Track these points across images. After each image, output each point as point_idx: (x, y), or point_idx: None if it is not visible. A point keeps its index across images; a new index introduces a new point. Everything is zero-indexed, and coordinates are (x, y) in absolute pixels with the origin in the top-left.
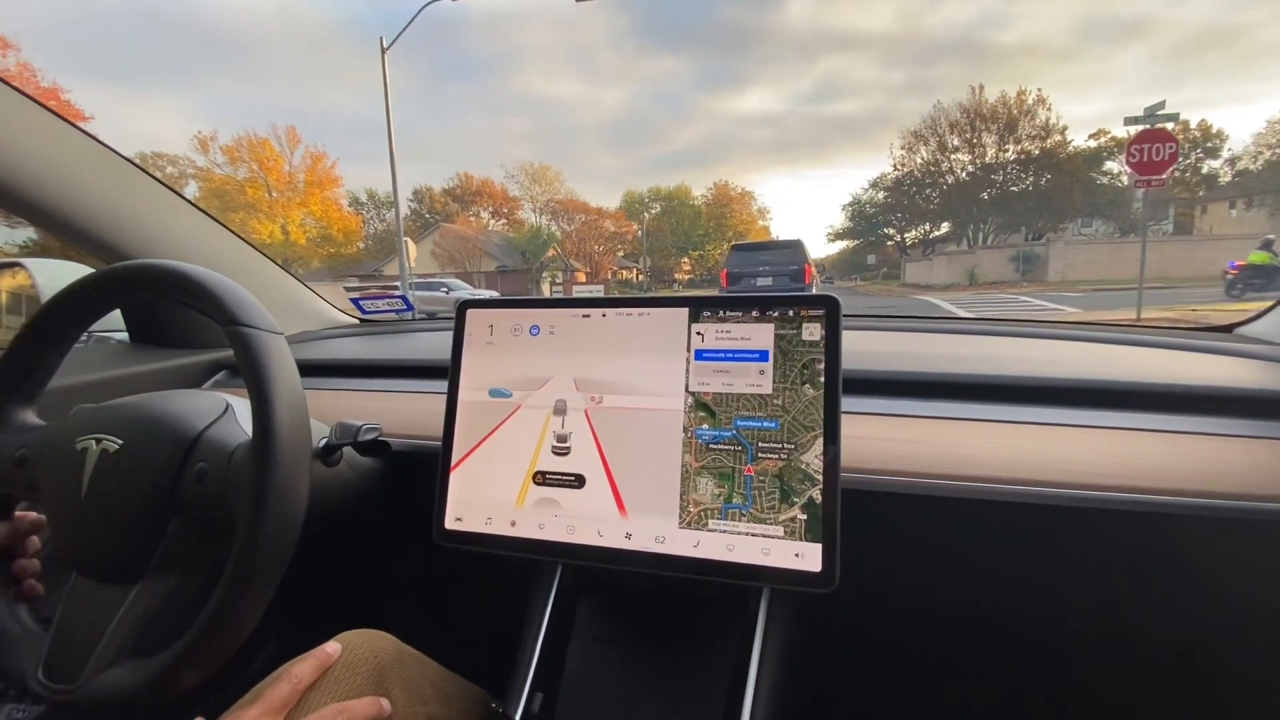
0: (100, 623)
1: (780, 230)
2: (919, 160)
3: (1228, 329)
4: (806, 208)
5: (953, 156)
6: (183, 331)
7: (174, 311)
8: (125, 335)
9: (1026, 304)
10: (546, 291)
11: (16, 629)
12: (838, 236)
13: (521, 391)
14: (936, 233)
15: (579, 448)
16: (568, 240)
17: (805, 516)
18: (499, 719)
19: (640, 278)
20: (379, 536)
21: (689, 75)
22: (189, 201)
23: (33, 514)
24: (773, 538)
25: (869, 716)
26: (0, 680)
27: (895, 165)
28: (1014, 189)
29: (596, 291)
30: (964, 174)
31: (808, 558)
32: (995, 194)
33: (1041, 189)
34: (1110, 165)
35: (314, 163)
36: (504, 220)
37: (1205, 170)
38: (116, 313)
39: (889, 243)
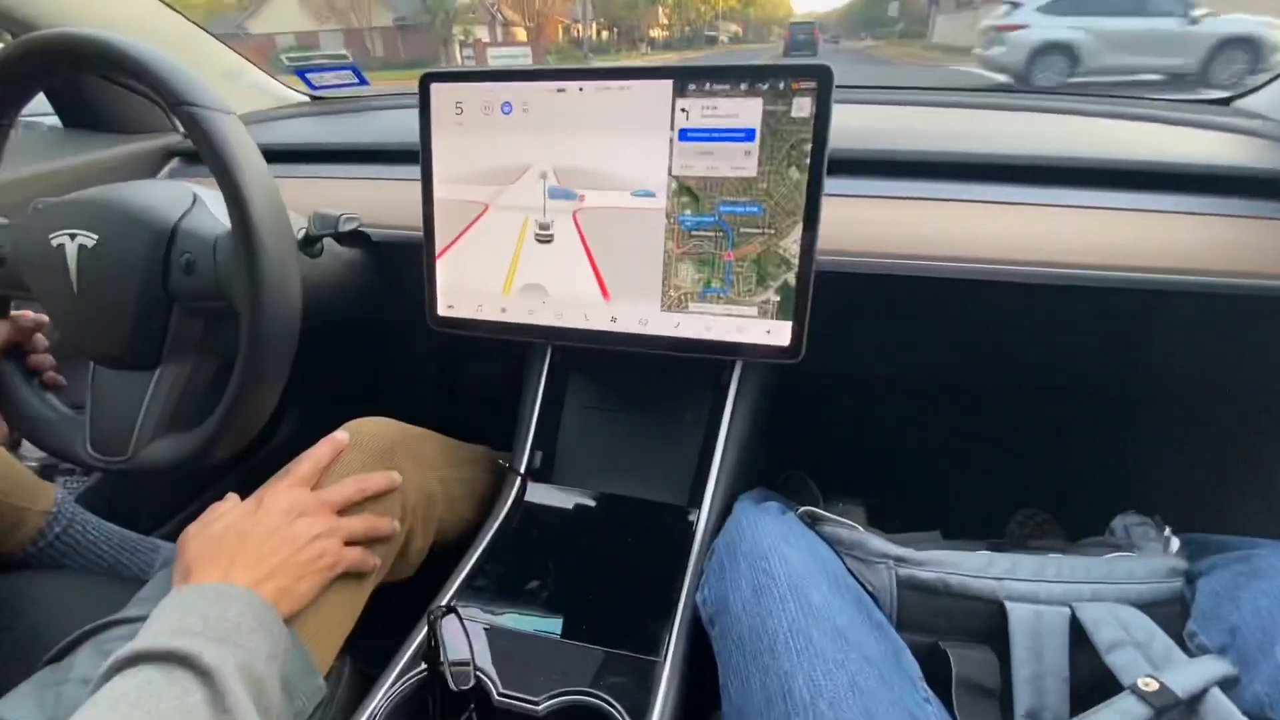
0: (132, 404)
1: None
2: None
3: (1225, 102)
4: None
5: None
6: (118, 112)
7: (104, 90)
8: (55, 119)
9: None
10: (457, 59)
11: (52, 414)
12: None
13: (498, 186)
14: None
15: (562, 237)
16: None
17: (779, 299)
18: (505, 472)
19: (597, 33)
20: (374, 325)
21: None
22: None
23: (30, 312)
24: (747, 317)
25: (831, 473)
26: (58, 458)
27: None
28: None
29: (523, 59)
30: None
31: (777, 334)
32: None
33: None
34: None
35: None
36: None
37: None
38: (40, 95)
39: None
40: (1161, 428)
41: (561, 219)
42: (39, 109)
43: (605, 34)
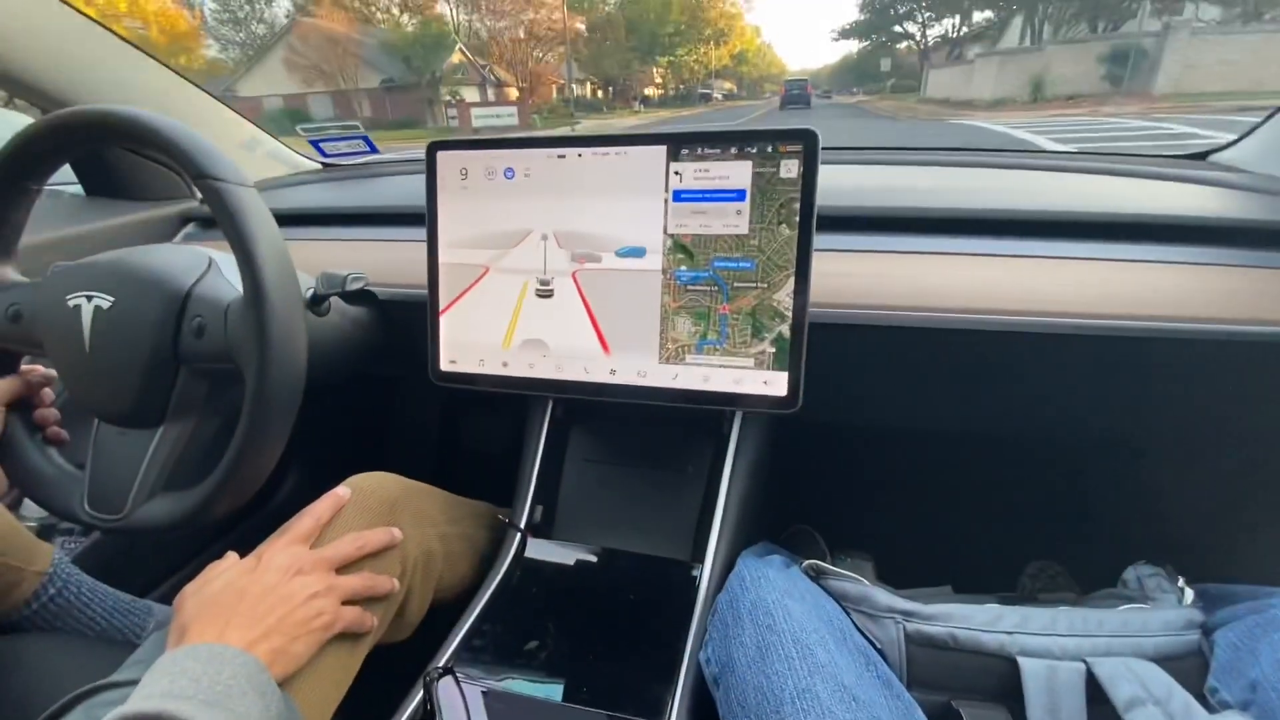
0: (132, 462)
1: (769, 27)
2: None
3: (1202, 156)
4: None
5: None
6: (138, 181)
7: (125, 160)
8: (78, 188)
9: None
10: (443, 119)
11: (53, 470)
12: (844, 34)
13: (500, 249)
14: (966, 28)
15: (561, 293)
16: (495, 42)
17: (774, 350)
18: (506, 529)
19: (592, 92)
20: (379, 382)
21: None
22: (126, 40)
23: (40, 368)
24: (744, 368)
25: (831, 523)
26: (55, 515)
27: None
28: None
29: (508, 119)
30: None
31: (774, 384)
32: None
33: None
34: None
35: None
36: (418, 18)
37: None
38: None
39: (903, 43)
40: (1171, 475)
41: (561, 278)
42: (62, 177)
43: (601, 93)
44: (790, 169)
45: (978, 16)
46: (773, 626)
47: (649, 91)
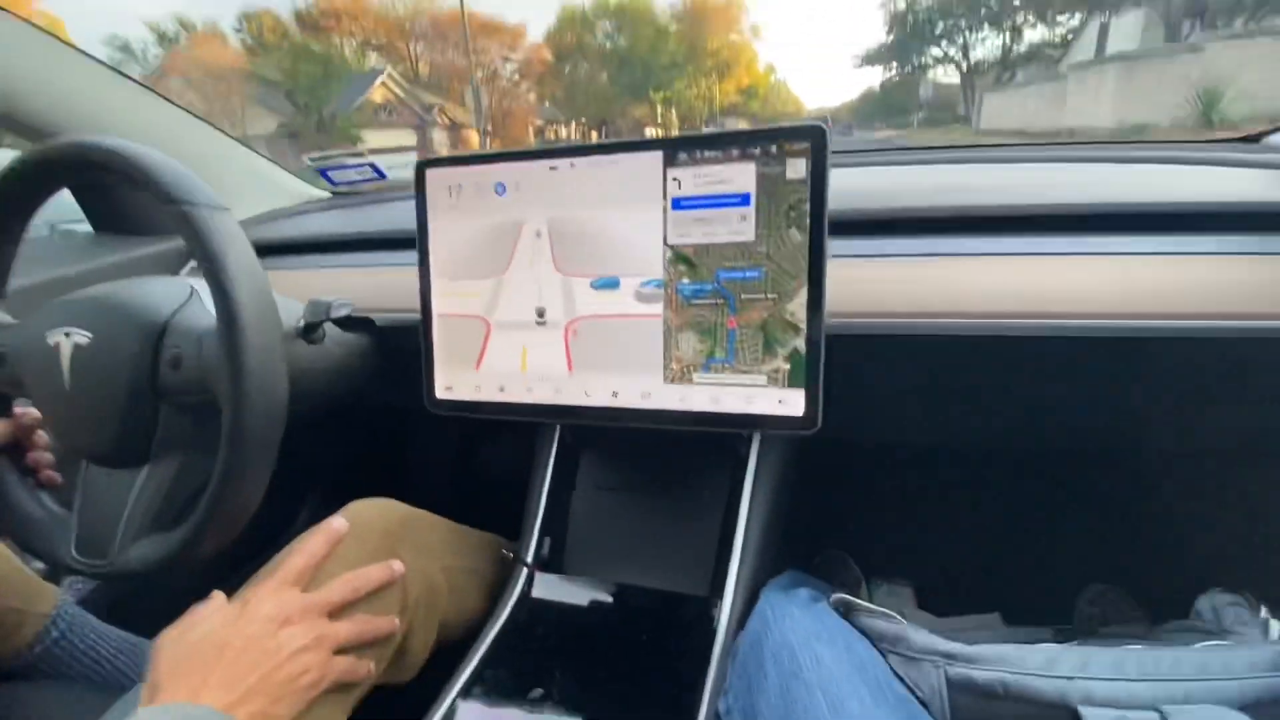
0: (119, 503)
1: (781, 60)
2: None
3: (1255, 138)
4: (821, 22)
5: None
6: (145, 216)
7: (130, 195)
8: (88, 226)
9: None
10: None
11: (44, 514)
12: (869, 60)
13: (493, 277)
14: (1018, 46)
15: (556, 317)
16: (456, 82)
17: (789, 366)
18: (512, 563)
19: (583, 134)
20: (385, 410)
21: None
22: (125, 75)
23: (33, 410)
24: (757, 386)
25: (866, 546)
26: (42, 561)
27: None
28: None
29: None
30: None
31: (790, 403)
32: None
33: None
34: None
35: None
36: (315, 40)
37: None
38: (74, 203)
39: (932, 68)
40: (1238, 490)
41: (555, 307)
42: (75, 215)
43: (595, 133)
44: (798, 169)
45: (1052, 28)
46: (799, 674)
47: (650, 131)
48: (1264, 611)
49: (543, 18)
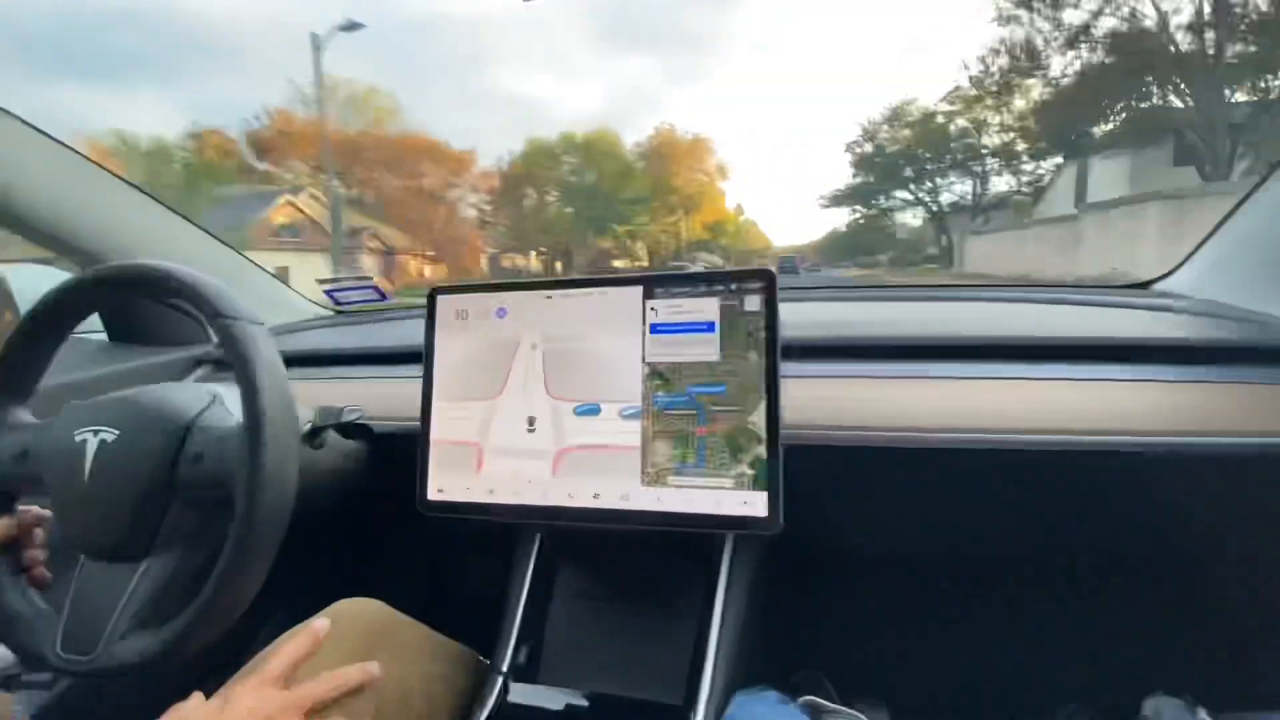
0: (111, 599)
1: (748, 199)
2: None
3: (1146, 285)
4: (787, 164)
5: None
6: (158, 328)
7: (148, 309)
8: (103, 335)
9: None
10: None
11: (31, 611)
12: (836, 201)
13: (489, 397)
14: (985, 193)
15: (544, 427)
16: (393, 206)
17: (753, 471)
18: (488, 673)
19: (546, 265)
20: (369, 515)
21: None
22: (159, 200)
23: (35, 508)
24: (724, 489)
25: (841, 664)
26: (24, 659)
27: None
28: None
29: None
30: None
31: (754, 504)
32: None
33: None
34: None
35: None
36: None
37: None
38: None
39: (901, 210)
40: (1181, 598)
41: (544, 417)
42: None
43: (559, 264)
44: (754, 303)
45: (1035, 167)
46: None
47: (618, 264)
48: (1202, 713)
49: (508, 148)
